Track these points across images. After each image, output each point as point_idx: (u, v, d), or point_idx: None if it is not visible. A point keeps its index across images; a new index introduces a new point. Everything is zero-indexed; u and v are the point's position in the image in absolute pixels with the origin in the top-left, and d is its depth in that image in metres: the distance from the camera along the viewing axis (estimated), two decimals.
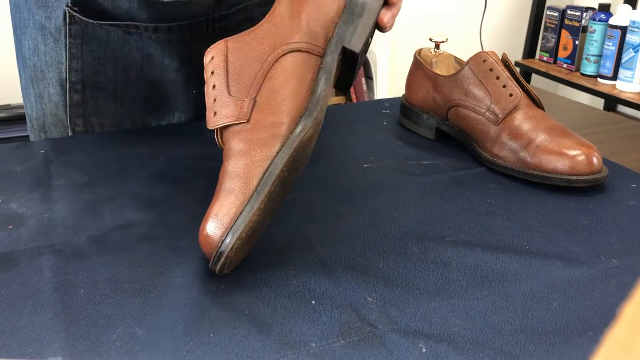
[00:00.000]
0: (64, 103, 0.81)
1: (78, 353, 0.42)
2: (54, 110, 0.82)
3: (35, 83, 0.83)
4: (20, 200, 0.63)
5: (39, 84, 0.82)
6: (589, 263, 0.53)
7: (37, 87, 0.83)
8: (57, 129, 0.84)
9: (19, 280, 0.50)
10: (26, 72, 0.84)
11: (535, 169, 0.66)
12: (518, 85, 0.71)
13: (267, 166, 0.50)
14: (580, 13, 2.19)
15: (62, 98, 0.81)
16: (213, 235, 0.48)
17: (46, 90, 0.82)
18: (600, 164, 0.65)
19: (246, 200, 0.49)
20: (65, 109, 0.82)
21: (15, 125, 1.93)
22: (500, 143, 0.69)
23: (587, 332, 0.45)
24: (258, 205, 0.48)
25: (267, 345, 0.43)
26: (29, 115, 0.86)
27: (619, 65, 2.07)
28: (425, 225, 0.59)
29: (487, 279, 0.51)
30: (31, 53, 0.81)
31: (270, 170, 0.50)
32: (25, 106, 0.87)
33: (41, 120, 0.84)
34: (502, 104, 0.70)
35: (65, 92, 0.81)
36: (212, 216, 0.49)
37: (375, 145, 0.78)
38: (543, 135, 0.67)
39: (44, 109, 0.83)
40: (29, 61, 0.82)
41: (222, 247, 0.48)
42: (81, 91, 0.81)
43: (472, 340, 0.44)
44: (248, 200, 0.49)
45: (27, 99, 0.86)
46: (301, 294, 0.49)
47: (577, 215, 0.62)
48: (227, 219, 0.48)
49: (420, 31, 2.42)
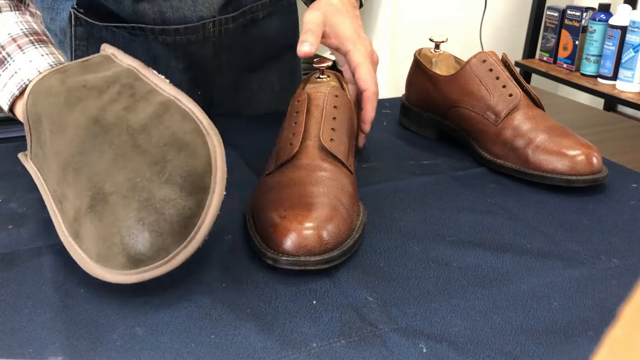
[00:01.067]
0: None
1: (78, 352, 0.42)
2: None
3: None
4: (20, 200, 0.63)
5: None
6: (590, 263, 0.53)
7: None
8: None
9: (19, 280, 0.50)
10: None
11: (535, 169, 0.66)
12: (518, 86, 0.71)
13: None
14: (580, 13, 2.19)
15: None
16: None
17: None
18: (600, 164, 0.65)
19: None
20: None
21: (16, 125, 1.92)
22: (500, 143, 0.69)
23: (588, 331, 0.45)
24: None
25: (268, 345, 0.43)
26: None
27: (619, 65, 2.07)
28: (425, 225, 0.59)
29: (487, 279, 0.51)
30: None
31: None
32: None
33: None
34: (502, 104, 0.70)
35: None
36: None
37: (375, 145, 0.78)
38: (543, 135, 0.67)
39: None
40: None
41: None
42: None
43: (473, 340, 0.44)
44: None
45: None
46: (302, 294, 0.49)
47: (577, 215, 0.62)
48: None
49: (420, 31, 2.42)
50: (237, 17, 0.85)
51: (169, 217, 0.45)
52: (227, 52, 0.87)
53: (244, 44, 0.88)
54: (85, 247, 0.48)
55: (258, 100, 0.94)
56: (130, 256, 0.45)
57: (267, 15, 0.89)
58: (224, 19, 0.83)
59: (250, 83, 0.93)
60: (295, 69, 0.98)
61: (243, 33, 0.87)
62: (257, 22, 0.88)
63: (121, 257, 0.46)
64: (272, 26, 0.91)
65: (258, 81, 0.93)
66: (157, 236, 0.45)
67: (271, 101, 0.95)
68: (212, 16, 0.82)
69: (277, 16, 0.91)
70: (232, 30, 0.85)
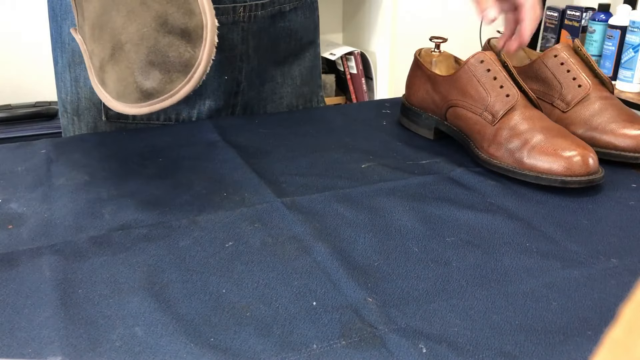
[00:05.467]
0: None
1: (78, 353, 0.42)
2: (89, 94, 0.86)
3: (73, 67, 0.86)
4: (20, 200, 0.63)
5: (76, 68, 0.86)
6: (589, 263, 0.53)
7: (73, 71, 0.86)
8: (90, 113, 0.87)
9: (18, 280, 0.50)
10: (64, 56, 0.87)
11: (530, 169, 0.66)
12: (515, 86, 0.71)
13: None
14: (580, 13, 2.19)
15: None
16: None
17: (82, 74, 0.86)
18: (596, 165, 0.65)
19: None
20: None
21: (16, 125, 1.93)
22: (496, 143, 0.69)
23: (587, 331, 0.45)
24: None
25: (268, 347, 0.43)
26: (62, 100, 0.90)
27: (618, 65, 2.07)
28: (425, 225, 0.59)
29: (486, 279, 0.51)
30: (71, 38, 0.85)
31: None
32: (59, 91, 0.90)
33: (75, 104, 0.87)
34: (499, 105, 0.70)
35: None
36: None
37: (375, 145, 0.78)
38: (539, 135, 0.67)
39: (79, 93, 0.87)
40: (68, 46, 0.86)
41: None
42: None
43: (472, 340, 0.44)
44: None
45: (61, 84, 0.89)
46: (302, 295, 0.49)
47: (576, 215, 0.62)
48: None
49: (421, 31, 2.42)
50: (266, 4, 0.87)
51: (172, 58, 0.56)
52: (254, 40, 0.88)
53: (271, 34, 0.90)
54: (109, 90, 0.60)
55: (281, 93, 0.96)
56: (142, 91, 0.57)
57: (292, 9, 0.92)
58: (254, 5, 0.85)
59: (275, 76, 0.95)
60: (315, 66, 1.01)
61: (271, 23, 0.90)
62: (284, 14, 0.91)
63: (136, 93, 0.57)
64: (297, 20, 0.93)
65: (282, 74, 0.95)
66: (164, 73, 0.56)
67: (293, 95, 0.97)
68: (243, 1, 0.84)
69: (301, 11, 0.93)
70: (261, 17, 0.87)
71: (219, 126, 0.84)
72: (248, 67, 0.90)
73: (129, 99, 0.58)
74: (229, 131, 0.82)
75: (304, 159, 0.74)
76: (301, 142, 0.79)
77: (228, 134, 0.81)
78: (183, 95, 0.57)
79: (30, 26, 2.08)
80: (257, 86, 0.93)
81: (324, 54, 2.32)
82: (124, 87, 0.58)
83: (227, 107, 0.90)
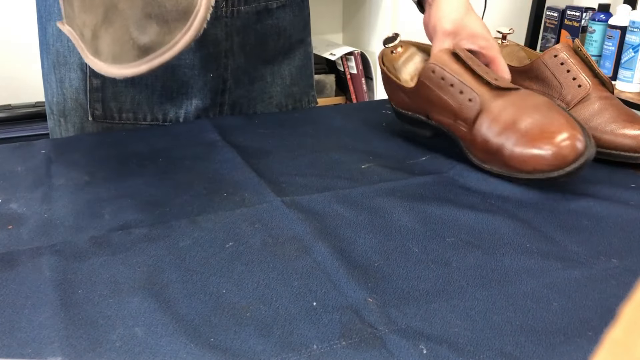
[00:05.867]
0: (84, 88, 0.84)
1: (78, 353, 0.42)
2: (75, 94, 0.85)
3: (57, 68, 0.86)
4: (20, 200, 0.63)
5: (61, 69, 0.85)
6: (589, 263, 0.53)
7: (59, 72, 0.86)
8: (77, 114, 0.86)
9: (18, 280, 0.50)
10: (49, 58, 0.87)
11: (518, 171, 0.65)
12: (472, 89, 0.68)
13: None
14: (580, 13, 2.19)
15: (82, 83, 0.84)
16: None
17: (67, 75, 0.85)
18: (575, 150, 0.62)
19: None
20: (85, 93, 0.84)
21: (16, 125, 1.93)
22: (478, 149, 0.69)
23: (587, 332, 0.45)
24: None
25: (268, 347, 0.43)
26: (48, 102, 0.89)
27: (618, 66, 2.07)
28: (425, 225, 0.59)
29: (487, 279, 0.51)
30: (54, 39, 0.84)
31: None
32: (46, 93, 0.90)
33: (61, 105, 0.87)
34: (465, 113, 0.69)
35: (85, 76, 0.83)
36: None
37: (375, 146, 0.78)
38: (513, 138, 0.65)
39: (64, 94, 0.86)
40: (52, 47, 0.85)
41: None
42: (101, 76, 0.83)
43: (473, 340, 0.44)
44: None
45: (47, 85, 0.89)
46: (302, 295, 0.49)
47: (577, 215, 0.61)
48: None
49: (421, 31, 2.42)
50: (250, 0, 0.86)
51: (169, 7, 0.53)
52: (239, 36, 0.88)
53: (258, 32, 0.90)
54: (104, 57, 0.56)
55: (271, 93, 0.95)
56: (140, 46, 0.54)
57: (280, 7, 0.91)
58: (237, 0, 0.85)
59: (264, 75, 0.94)
60: (306, 65, 1.00)
61: (257, 20, 0.89)
62: (272, 12, 0.90)
63: (133, 50, 0.54)
64: (285, 18, 0.92)
65: (271, 73, 0.95)
66: (162, 25, 0.54)
67: (283, 95, 0.96)
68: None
69: (290, 9, 0.92)
70: (245, 13, 0.87)
71: (219, 126, 0.84)
72: (234, 65, 0.89)
73: (126, 59, 0.55)
74: (229, 131, 0.82)
75: (304, 159, 0.74)
76: (301, 142, 0.79)
77: (228, 134, 0.81)
78: (183, 45, 0.53)
79: (30, 26, 2.08)
80: (246, 85, 0.92)
81: (324, 54, 2.32)
82: (120, 47, 0.55)
83: (214, 105, 0.89)
